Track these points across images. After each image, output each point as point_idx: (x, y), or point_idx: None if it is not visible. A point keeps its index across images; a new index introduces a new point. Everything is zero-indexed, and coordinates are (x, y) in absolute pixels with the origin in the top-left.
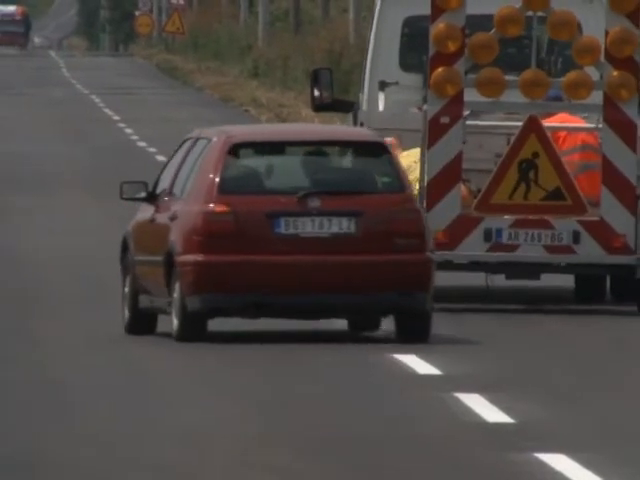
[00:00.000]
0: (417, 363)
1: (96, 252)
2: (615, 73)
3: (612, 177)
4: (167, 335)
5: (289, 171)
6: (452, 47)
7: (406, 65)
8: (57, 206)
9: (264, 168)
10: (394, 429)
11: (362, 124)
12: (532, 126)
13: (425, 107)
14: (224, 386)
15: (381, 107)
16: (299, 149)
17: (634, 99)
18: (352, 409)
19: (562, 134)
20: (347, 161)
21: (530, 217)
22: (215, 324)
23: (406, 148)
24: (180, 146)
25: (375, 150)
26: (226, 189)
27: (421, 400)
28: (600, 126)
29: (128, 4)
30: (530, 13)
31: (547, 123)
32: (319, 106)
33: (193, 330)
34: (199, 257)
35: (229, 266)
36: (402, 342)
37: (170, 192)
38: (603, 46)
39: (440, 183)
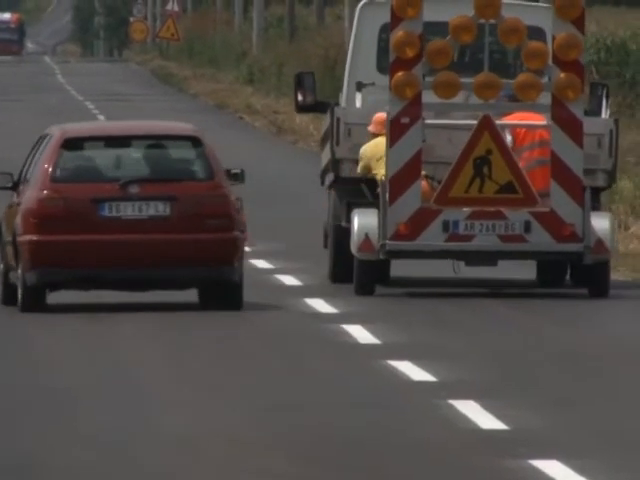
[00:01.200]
0: (411, 369)
1: None
2: (562, 75)
3: (560, 171)
4: (161, 337)
5: (113, 162)
6: (410, 53)
7: (382, 68)
8: None
9: (92, 159)
10: (389, 435)
11: (339, 119)
12: (486, 125)
13: (387, 109)
14: (220, 389)
15: (358, 104)
16: (123, 142)
17: (580, 99)
18: (346, 414)
19: (522, 130)
20: (165, 152)
21: (485, 209)
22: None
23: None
24: (38, 141)
25: (190, 143)
26: (58, 178)
27: (415, 407)
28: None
29: (123, 10)
30: (482, 21)
31: (507, 121)
32: (302, 107)
33: (32, 302)
34: (34, 237)
35: (60, 245)
36: (215, 309)
37: (25, 180)
38: (551, 50)
39: (401, 179)
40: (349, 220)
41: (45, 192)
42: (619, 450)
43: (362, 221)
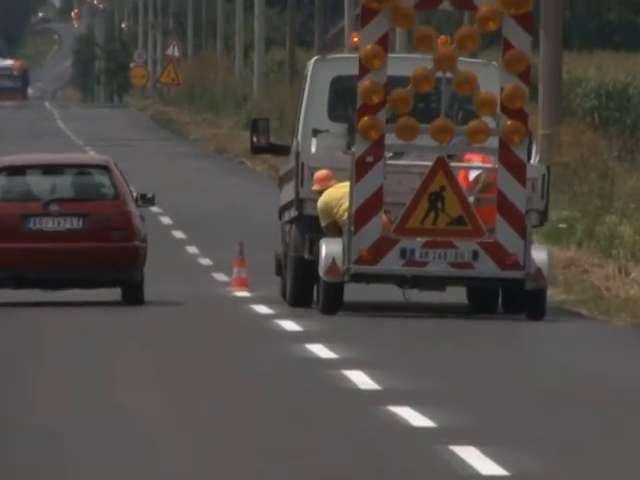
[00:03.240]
0: (411, 415)
1: (96, 307)
2: (509, 122)
3: (505, 207)
4: (162, 375)
5: (39, 185)
6: (376, 99)
7: (333, 116)
8: None
9: (22, 183)
10: None
11: (303, 164)
12: (440, 165)
13: (353, 149)
14: (221, 434)
15: (313, 150)
16: (47, 170)
17: (524, 143)
18: (347, 460)
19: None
20: (80, 178)
21: (438, 239)
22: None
23: (339, 181)
24: None
25: (100, 170)
26: None
27: (416, 452)
28: (496, 166)
29: (123, 56)
30: (440, 73)
31: (457, 163)
32: (257, 149)
33: None
34: None
35: None
36: (125, 305)
37: None
38: (499, 100)
39: (365, 211)
40: (311, 252)
41: None
42: None
43: (329, 248)
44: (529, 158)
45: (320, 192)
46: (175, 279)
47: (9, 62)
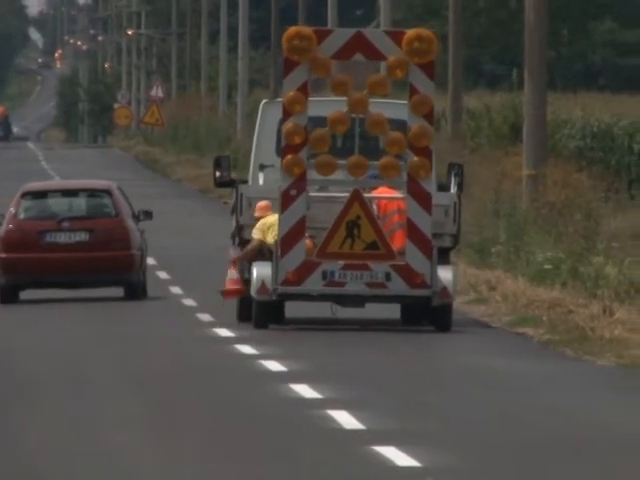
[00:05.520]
0: (396, 455)
1: (82, 349)
2: (416, 159)
3: (414, 233)
4: (148, 420)
5: (54, 206)
6: (298, 140)
7: (280, 152)
8: (44, 306)
9: (40, 204)
10: None
11: (242, 194)
12: (356, 196)
13: (280, 183)
14: (204, 475)
15: (261, 182)
16: (60, 193)
17: (429, 177)
18: None
19: (384, 201)
20: (87, 200)
21: (354, 262)
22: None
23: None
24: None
25: (104, 193)
26: (18, 217)
27: None
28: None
29: (106, 97)
30: (354, 115)
31: (373, 194)
32: (219, 183)
33: (8, 298)
34: (3, 254)
35: (19, 260)
36: (126, 300)
37: (3, 219)
38: (406, 139)
39: (290, 237)
40: (250, 273)
41: (10, 226)
42: None
43: (260, 271)
44: (448, 187)
45: (259, 219)
46: (159, 319)
47: None
